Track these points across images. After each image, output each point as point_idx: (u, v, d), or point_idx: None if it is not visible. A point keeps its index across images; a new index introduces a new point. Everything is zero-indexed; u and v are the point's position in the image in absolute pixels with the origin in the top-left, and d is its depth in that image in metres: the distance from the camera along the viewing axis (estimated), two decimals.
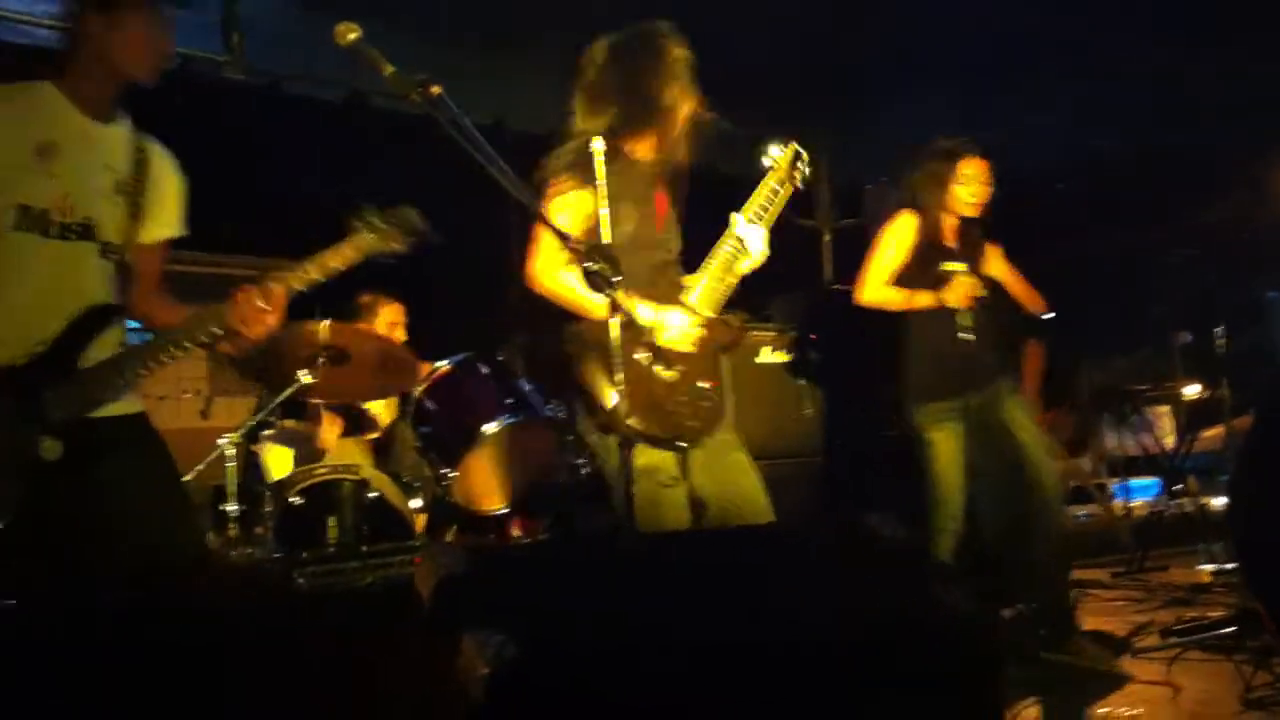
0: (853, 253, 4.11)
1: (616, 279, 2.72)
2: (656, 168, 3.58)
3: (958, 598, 2.18)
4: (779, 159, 3.62)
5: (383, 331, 5.50)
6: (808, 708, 2.00)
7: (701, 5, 3.96)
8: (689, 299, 3.42)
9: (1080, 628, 4.50)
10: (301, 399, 5.03)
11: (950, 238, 4.69)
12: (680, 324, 3.34)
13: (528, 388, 4.92)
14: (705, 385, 3.39)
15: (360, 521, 4.64)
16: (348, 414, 5.51)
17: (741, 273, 3.50)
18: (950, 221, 4.68)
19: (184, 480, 4.58)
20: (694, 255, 3.57)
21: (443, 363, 4.92)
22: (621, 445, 2.88)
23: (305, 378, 4.54)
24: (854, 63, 6.79)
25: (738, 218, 3.49)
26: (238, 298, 2.88)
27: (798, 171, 3.62)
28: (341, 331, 4.61)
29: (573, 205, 3.36)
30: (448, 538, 4.95)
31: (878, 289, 4.66)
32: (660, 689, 1.91)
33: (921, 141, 4.72)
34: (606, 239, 3.13)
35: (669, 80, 3.46)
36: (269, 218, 6.38)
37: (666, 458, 3.31)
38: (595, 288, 2.74)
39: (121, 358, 2.91)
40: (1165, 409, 8.40)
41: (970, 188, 4.58)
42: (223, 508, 4.76)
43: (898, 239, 4.67)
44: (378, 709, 2.10)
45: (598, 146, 3.24)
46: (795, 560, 2.34)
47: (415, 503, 4.97)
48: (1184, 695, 3.78)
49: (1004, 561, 4.66)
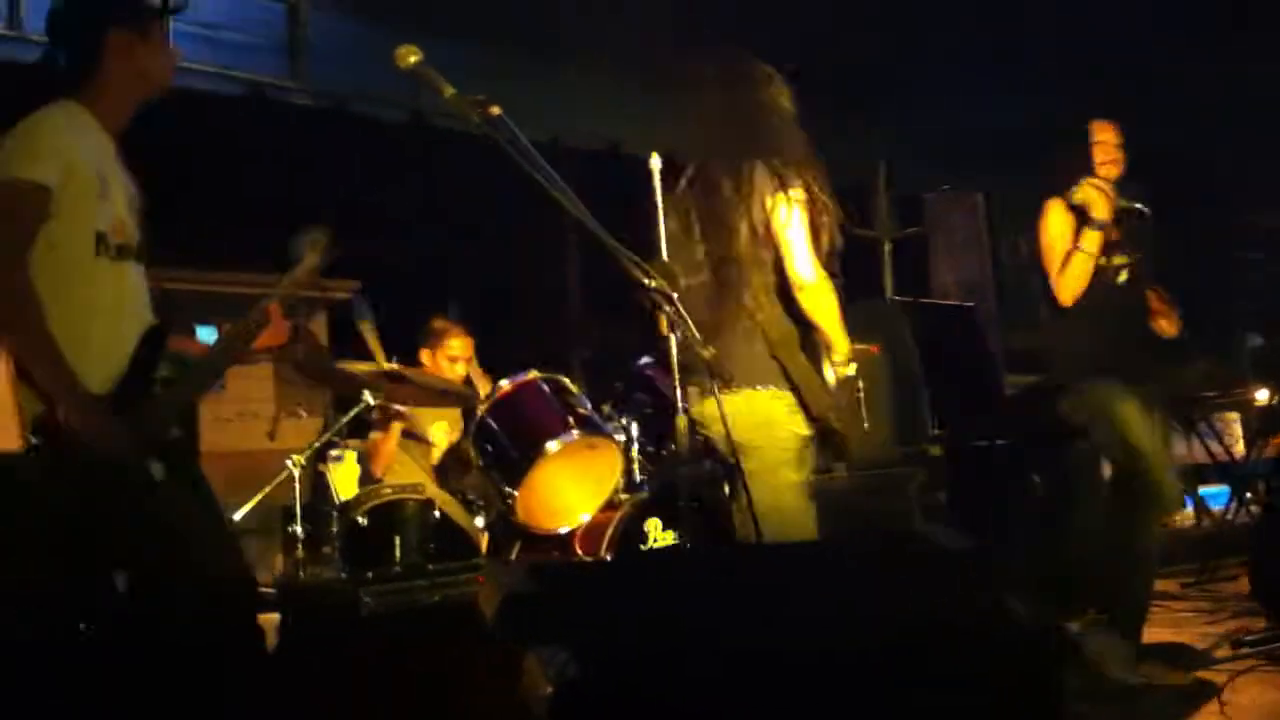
0: (915, 263, 4.02)
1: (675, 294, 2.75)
2: None
3: (1021, 607, 2.14)
4: None
5: (444, 362, 5.53)
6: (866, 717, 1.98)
7: (756, 12, 3.97)
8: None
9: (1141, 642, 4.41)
10: (367, 417, 5.09)
11: (1103, 212, 4.40)
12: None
13: (589, 406, 4.92)
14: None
15: (425, 541, 4.66)
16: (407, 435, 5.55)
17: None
18: (1099, 199, 4.40)
19: (254, 501, 4.68)
20: None
21: (504, 382, 4.94)
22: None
23: (370, 397, 4.59)
24: (913, 66, 6.75)
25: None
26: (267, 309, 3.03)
27: None
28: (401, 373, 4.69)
29: None
30: (511, 556, 4.95)
31: (1066, 282, 4.40)
32: (722, 706, 1.90)
33: (982, 146, 4.63)
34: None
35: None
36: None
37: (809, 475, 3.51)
38: (654, 304, 2.75)
39: (182, 380, 2.96)
40: (1234, 415, 8.22)
41: (1104, 150, 4.43)
42: (291, 528, 4.80)
43: (1055, 229, 4.45)
44: None
45: (654, 164, 3.29)
46: (857, 572, 2.32)
47: (479, 521, 4.99)
48: (1253, 707, 3.70)
49: (1091, 571, 4.57)
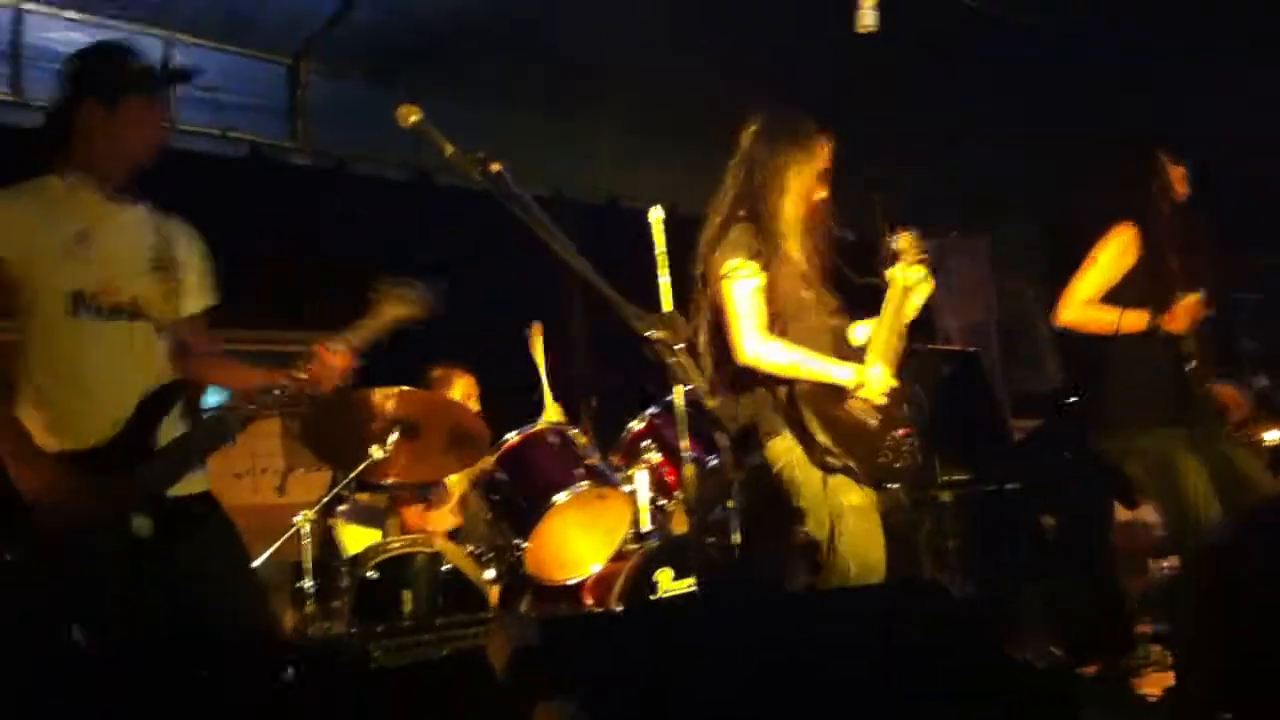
0: (925, 309, 4.00)
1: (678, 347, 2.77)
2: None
3: (1030, 656, 2.15)
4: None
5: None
6: None
7: (767, 53, 4.00)
8: (878, 352, 3.68)
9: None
10: (372, 481, 5.09)
11: (1174, 246, 4.30)
12: (878, 377, 3.61)
13: (597, 457, 4.93)
14: (900, 433, 3.64)
15: (435, 594, 4.65)
16: (421, 488, 5.54)
17: (908, 318, 3.80)
18: (1171, 228, 4.32)
19: (263, 556, 4.68)
20: None
21: (512, 434, 4.95)
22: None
23: (377, 453, 4.58)
24: (923, 108, 6.77)
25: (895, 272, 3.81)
26: (316, 349, 3.06)
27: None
28: (413, 398, 4.65)
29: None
30: (521, 608, 4.94)
31: (1080, 308, 4.33)
32: None
33: (1002, 190, 4.62)
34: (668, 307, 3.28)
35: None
36: (337, 293, 6.48)
37: (871, 495, 3.58)
38: (658, 356, 2.77)
39: (196, 432, 2.99)
40: None
41: (1179, 180, 4.36)
42: (299, 584, 4.79)
43: (1114, 254, 4.33)
44: None
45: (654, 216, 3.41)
46: (868, 620, 2.32)
47: (489, 574, 4.98)
48: None
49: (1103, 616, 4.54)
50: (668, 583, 4.73)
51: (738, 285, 3.62)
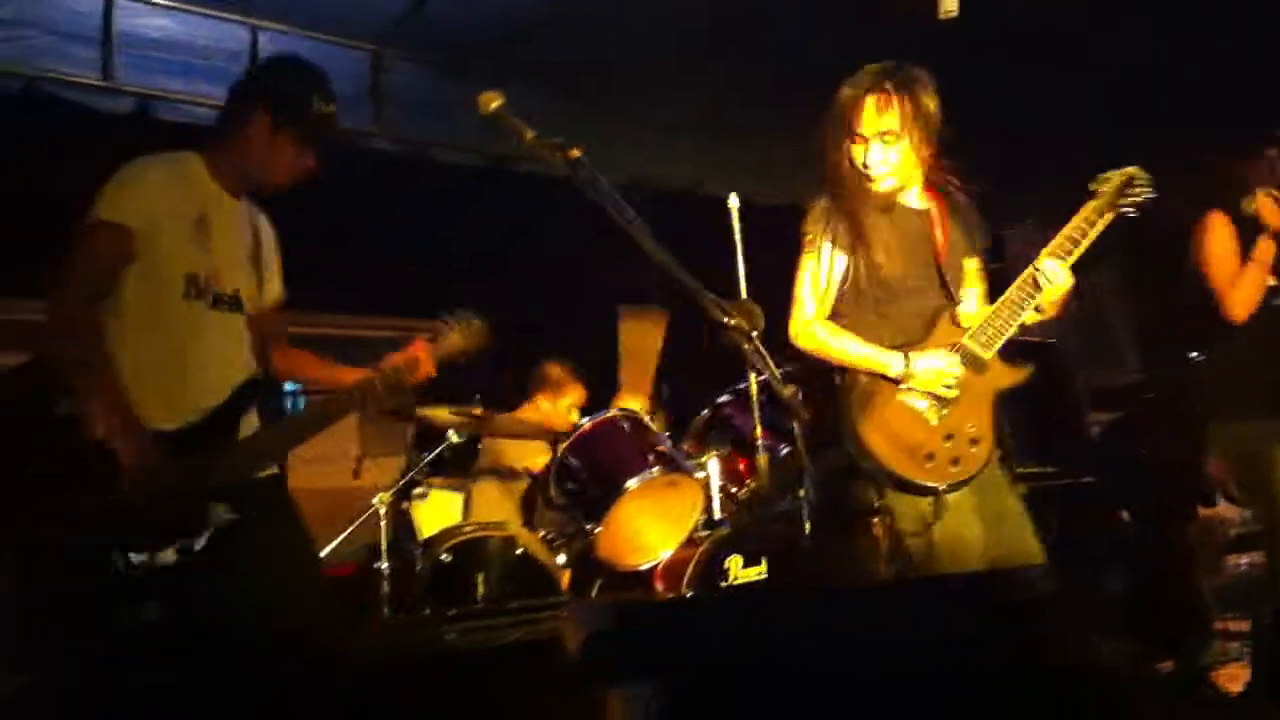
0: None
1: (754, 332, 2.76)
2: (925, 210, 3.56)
3: (1106, 652, 2.12)
4: (1105, 184, 3.50)
5: (561, 409, 5.63)
6: None
7: (851, 39, 3.94)
8: (966, 340, 3.38)
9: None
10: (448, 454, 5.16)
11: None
12: (929, 368, 3.32)
13: (669, 443, 4.95)
14: (971, 428, 3.34)
15: (507, 578, 4.70)
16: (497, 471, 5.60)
17: (1038, 309, 3.44)
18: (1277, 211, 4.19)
19: (340, 538, 4.75)
20: None
21: (585, 420, 4.98)
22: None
23: (454, 437, 4.65)
24: (989, 98, 6.67)
25: (1045, 257, 3.43)
26: (417, 350, 3.18)
27: (1129, 196, 3.46)
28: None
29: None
30: (592, 593, 4.98)
31: (1238, 292, 4.17)
32: None
33: (1070, 180, 4.50)
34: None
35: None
36: (413, 279, 6.55)
37: (920, 503, 3.28)
38: (733, 343, 2.77)
39: (283, 427, 3.05)
40: None
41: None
42: (376, 565, 4.87)
43: (1221, 243, 4.26)
44: None
45: (733, 204, 3.32)
46: (944, 612, 2.30)
47: (560, 559, 5.03)
48: None
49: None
50: (738, 570, 4.73)
51: (802, 261, 3.48)
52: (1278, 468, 4.08)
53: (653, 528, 4.92)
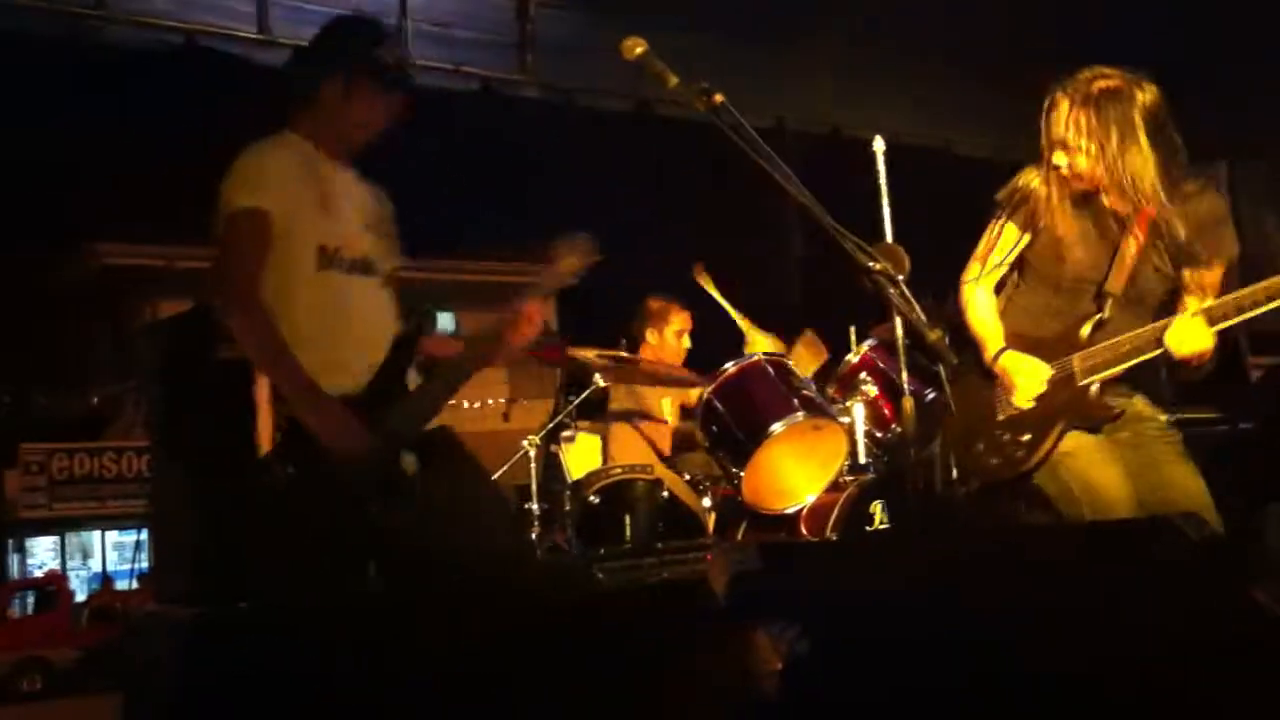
0: None
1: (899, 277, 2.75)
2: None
3: (1271, 600, 2.08)
4: None
5: (671, 338, 5.64)
6: (1101, 711, 1.96)
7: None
8: (1075, 359, 3.29)
9: None
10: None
11: None
12: (1015, 371, 3.34)
13: (814, 388, 4.93)
14: (1024, 437, 3.34)
15: (654, 520, 4.77)
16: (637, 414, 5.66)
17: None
18: None
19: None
20: None
21: (729, 364, 4.99)
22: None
23: (600, 381, 4.73)
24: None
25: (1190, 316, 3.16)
26: (520, 311, 3.24)
27: None
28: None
29: None
30: (738, 535, 5.01)
31: None
32: (951, 685, 1.91)
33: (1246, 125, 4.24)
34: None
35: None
36: (560, 227, 6.62)
37: (1081, 437, 3.27)
38: (878, 288, 2.76)
39: (437, 380, 3.16)
40: None
41: None
42: (526, 506, 4.99)
43: None
44: (674, 700, 2.17)
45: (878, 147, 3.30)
46: (1093, 559, 2.28)
47: (705, 501, 5.07)
48: None
49: None
50: (882, 515, 4.72)
51: (991, 223, 3.49)
52: None
53: (798, 472, 4.91)
